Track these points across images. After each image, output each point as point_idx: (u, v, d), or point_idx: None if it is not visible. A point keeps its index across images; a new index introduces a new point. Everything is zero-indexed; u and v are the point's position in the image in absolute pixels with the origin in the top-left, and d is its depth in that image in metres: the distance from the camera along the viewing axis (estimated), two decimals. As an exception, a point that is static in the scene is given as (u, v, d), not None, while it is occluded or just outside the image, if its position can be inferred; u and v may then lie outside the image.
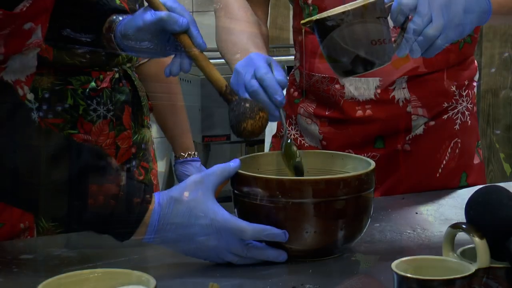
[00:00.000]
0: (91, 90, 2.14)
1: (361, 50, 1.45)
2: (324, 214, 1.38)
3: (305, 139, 1.96)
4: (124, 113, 2.21)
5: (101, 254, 1.49)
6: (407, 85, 1.84)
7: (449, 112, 1.89)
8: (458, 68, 1.88)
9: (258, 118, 1.45)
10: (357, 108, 1.86)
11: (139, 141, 2.28)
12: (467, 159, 1.94)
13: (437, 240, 1.51)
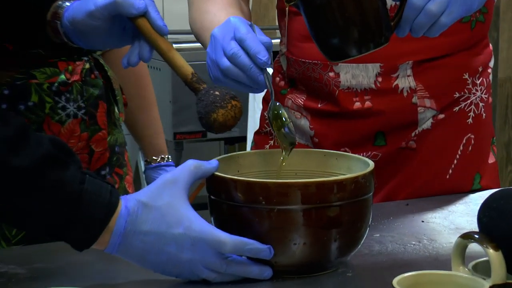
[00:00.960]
0: (60, 84, 2.12)
1: (354, 29, 1.46)
2: (315, 222, 1.38)
3: (296, 135, 1.95)
4: (98, 110, 2.19)
5: (54, 270, 1.50)
6: (413, 72, 1.85)
7: (461, 104, 1.91)
8: (470, 52, 1.90)
9: (230, 107, 1.45)
10: (354, 100, 1.87)
11: (113, 143, 2.26)
12: (481, 158, 1.96)
13: (445, 252, 1.52)
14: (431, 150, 1.90)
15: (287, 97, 1.96)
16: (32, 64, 2.07)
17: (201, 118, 1.47)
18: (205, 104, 1.46)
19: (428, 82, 1.86)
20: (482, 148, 1.95)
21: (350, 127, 1.88)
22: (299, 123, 1.94)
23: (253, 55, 1.51)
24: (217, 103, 1.45)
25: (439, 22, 1.47)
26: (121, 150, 2.28)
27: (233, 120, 1.46)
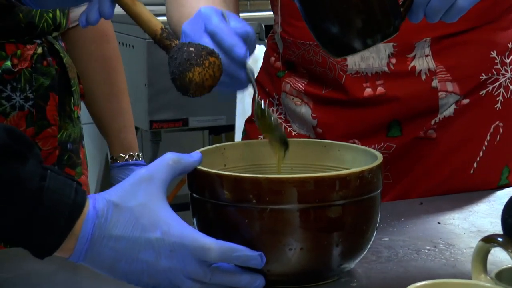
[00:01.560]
0: (4, 72, 2.13)
1: (357, 19, 1.45)
2: (314, 224, 1.39)
3: (292, 125, 1.98)
4: (48, 102, 2.19)
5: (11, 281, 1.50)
6: (431, 51, 1.86)
7: (488, 87, 1.91)
8: (497, 26, 1.91)
9: (207, 65, 1.45)
10: (365, 86, 1.88)
11: (65, 139, 2.26)
12: (511, 149, 1.97)
13: (465, 258, 1.52)
14: (453, 140, 1.91)
15: (285, 81, 1.97)
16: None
17: (175, 79, 1.46)
18: (178, 63, 1.45)
19: (449, 63, 1.87)
20: (510, 138, 1.96)
21: (359, 116, 1.89)
22: (299, 111, 1.95)
23: (228, 49, 1.52)
24: (193, 61, 1.44)
25: (456, 5, 1.45)
26: (75, 147, 2.28)
27: (211, 79, 1.45)
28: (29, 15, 2.10)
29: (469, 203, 1.83)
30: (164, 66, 1.58)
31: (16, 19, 2.08)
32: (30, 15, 2.09)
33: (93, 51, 2.44)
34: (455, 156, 1.91)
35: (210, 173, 1.42)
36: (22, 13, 2.07)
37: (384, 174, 1.70)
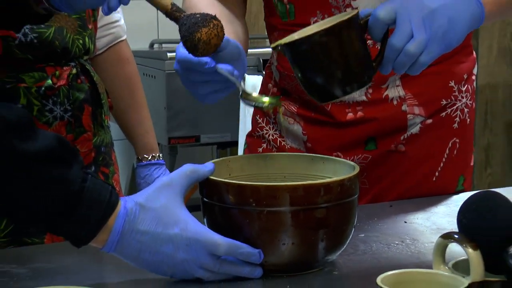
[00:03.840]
0: (46, 88, 2.13)
1: (338, 73, 1.46)
2: (303, 223, 1.38)
3: (286, 140, 1.96)
4: (83, 113, 2.20)
5: (53, 270, 1.49)
6: (401, 82, 1.85)
7: (448, 110, 1.91)
8: (455, 60, 1.89)
9: (212, 26, 1.43)
10: (347, 111, 1.86)
11: (99, 143, 2.26)
12: (465, 160, 1.96)
13: (427, 251, 1.52)
14: (419, 153, 1.89)
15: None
16: (21, 69, 2.08)
17: (186, 41, 1.43)
18: (188, 27, 1.43)
19: (416, 91, 1.85)
20: (466, 151, 1.96)
21: (342, 134, 1.87)
22: (292, 128, 1.94)
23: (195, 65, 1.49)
24: (199, 23, 1.42)
25: (418, 61, 1.45)
26: (107, 150, 2.29)
27: (216, 38, 1.44)
28: (63, 42, 2.11)
29: (430, 205, 1.83)
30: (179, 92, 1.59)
31: (53, 46, 2.09)
32: (65, 42, 2.10)
33: (116, 72, 2.44)
34: (420, 166, 1.90)
35: (218, 181, 1.42)
36: (57, 41, 2.08)
37: (361, 181, 1.71)
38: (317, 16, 1.78)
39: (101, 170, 2.27)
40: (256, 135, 2.02)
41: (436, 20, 1.45)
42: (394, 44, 1.44)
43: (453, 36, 1.48)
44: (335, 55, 1.44)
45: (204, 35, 1.42)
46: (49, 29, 2.09)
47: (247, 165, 1.57)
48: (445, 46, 1.48)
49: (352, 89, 1.48)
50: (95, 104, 2.24)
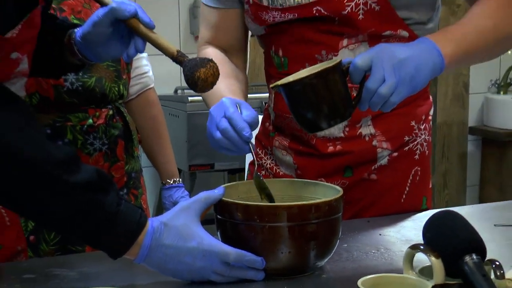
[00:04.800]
0: (88, 126, 2.13)
1: (324, 109, 1.46)
2: (298, 236, 1.37)
3: (280, 168, 1.94)
4: (117, 146, 2.21)
5: (96, 274, 1.49)
6: (372, 122, 1.83)
7: (410, 144, 1.88)
8: (416, 104, 1.87)
9: (209, 67, 1.43)
10: (328, 145, 1.84)
11: (130, 170, 2.27)
12: (425, 185, 1.94)
13: (398, 259, 1.51)
14: (388, 180, 1.87)
15: (275, 139, 1.94)
16: (68, 110, 2.09)
17: (188, 79, 1.44)
18: (189, 68, 1.43)
19: (384, 129, 1.84)
20: (425, 177, 1.93)
21: (325, 163, 1.85)
22: (285, 159, 1.92)
23: (239, 131, 1.53)
24: (199, 65, 1.42)
25: (389, 101, 1.46)
26: (137, 175, 2.30)
27: (212, 77, 1.44)
28: (102, 89, 2.13)
29: (400, 221, 1.81)
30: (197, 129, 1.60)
31: (94, 92, 2.10)
32: (103, 89, 2.12)
33: (145, 113, 2.45)
34: (390, 191, 1.88)
35: (229, 202, 1.41)
36: (98, 88, 2.10)
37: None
38: (306, 67, 1.78)
39: (132, 191, 2.27)
40: (257, 163, 2.00)
41: (405, 68, 1.46)
42: (369, 87, 1.45)
43: (419, 81, 1.49)
44: (322, 94, 1.45)
45: (202, 74, 1.42)
46: (91, 79, 2.11)
47: (252, 188, 1.56)
48: (412, 89, 1.48)
49: (335, 122, 1.49)
50: (127, 139, 2.25)
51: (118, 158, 2.21)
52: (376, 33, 1.73)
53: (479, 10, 1.66)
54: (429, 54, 1.51)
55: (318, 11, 1.73)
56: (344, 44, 1.75)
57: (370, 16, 1.71)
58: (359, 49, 1.74)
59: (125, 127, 2.25)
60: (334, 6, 1.71)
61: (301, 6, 1.75)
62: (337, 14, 1.72)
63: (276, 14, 1.78)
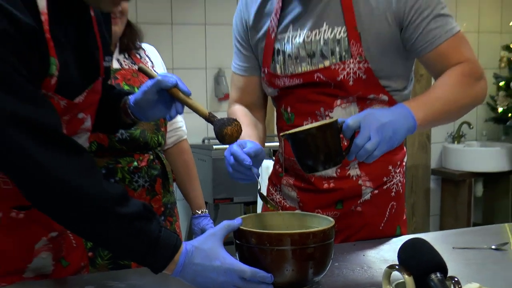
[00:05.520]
0: (134, 167, 2.15)
1: (321, 155, 1.46)
2: (299, 257, 1.35)
3: (286, 201, 1.93)
4: (156, 183, 2.21)
5: (142, 285, 1.47)
6: (358, 166, 1.82)
7: (388, 184, 1.87)
8: (393, 153, 1.86)
9: (234, 125, 1.45)
10: (324, 182, 1.83)
11: (166, 202, 2.27)
12: (400, 216, 1.92)
13: (378, 275, 1.49)
14: (370, 212, 1.85)
15: (283, 178, 1.93)
16: (118, 155, 2.12)
17: (217, 134, 1.46)
18: (218, 126, 1.45)
19: (367, 171, 1.83)
20: (400, 210, 1.91)
21: (321, 198, 1.84)
22: (290, 194, 1.91)
23: (241, 162, 1.53)
24: (226, 124, 1.45)
25: (372, 155, 1.46)
26: (172, 206, 2.32)
27: (237, 132, 1.47)
28: (145, 139, 2.15)
29: (380, 244, 1.79)
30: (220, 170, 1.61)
31: (139, 141, 2.14)
32: (146, 139, 2.16)
33: (178, 158, 2.45)
34: (372, 220, 1.86)
35: (245, 230, 1.40)
36: (141, 138, 2.13)
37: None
38: (308, 121, 1.78)
39: (168, 219, 2.28)
40: (269, 198, 1.99)
41: (386, 130, 1.46)
42: (358, 143, 1.45)
43: (396, 140, 1.49)
44: (320, 144, 1.45)
45: (229, 131, 1.45)
46: (136, 131, 2.13)
47: (264, 219, 1.55)
48: (390, 146, 1.49)
49: (329, 167, 1.48)
50: (164, 177, 2.26)
51: (157, 193, 2.21)
52: (363, 96, 1.74)
53: (443, 84, 1.65)
54: (405, 119, 1.52)
55: (318, 77, 1.74)
56: (338, 103, 1.76)
57: (358, 83, 1.72)
58: (350, 108, 1.75)
59: (163, 168, 2.27)
60: (330, 74, 1.72)
61: (305, 73, 1.76)
62: (333, 80, 1.73)
63: (286, 80, 1.80)
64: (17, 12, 1.24)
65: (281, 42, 1.79)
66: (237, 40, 1.93)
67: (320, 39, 1.72)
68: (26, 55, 1.26)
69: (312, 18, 1.74)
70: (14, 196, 1.40)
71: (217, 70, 4.40)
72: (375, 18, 1.68)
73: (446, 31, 1.67)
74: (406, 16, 1.67)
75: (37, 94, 1.30)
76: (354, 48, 1.69)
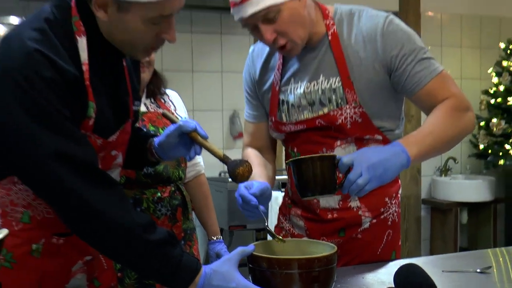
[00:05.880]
0: (157, 198, 2.15)
1: (318, 183, 1.46)
2: (305, 280, 1.34)
3: (295, 229, 1.91)
4: (177, 212, 2.21)
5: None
6: (358, 198, 1.81)
7: (384, 214, 1.85)
8: (388, 186, 1.85)
9: (245, 166, 1.45)
10: (328, 213, 1.82)
11: (186, 228, 2.26)
12: (395, 242, 1.89)
13: (376, 296, 1.47)
14: (369, 239, 1.83)
15: (292, 209, 1.92)
16: (144, 187, 2.12)
17: (230, 174, 1.46)
18: (232, 166, 1.45)
19: (366, 203, 1.81)
20: (395, 237, 1.89)
21: (326, 226, 1.82)
22: (298, 223, 1.89)
23: (247, 202, 1.54)
24: (238, 164, 1.45)
25: (363, 189, 1.46)
26: (191, 232, 2.30)
27: (248, 172, 1.46)
28: (167, 173, 2.15)
29: (377, 268, 1.76)
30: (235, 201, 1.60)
31: (162, 175, 2.13)
32: (168, 173, 2.16)
33: (197, 190, 2.44)
34: (371, 246, 1.84)
35: (257, 255, 1.38)
36: (164, 173, 2.13)
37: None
38: None
39: (187, 243, 2.26)
40: (279, 226, 1.98)
41: (376, 169, 1.45)
42: (350, 179, 1.44)
43: (386, 178, 1.48)
44: (317, 172, 1.45)
45: (240, 171, 1.45)
46: (160, 166, 2.14)
47: (275, 246, 1.53)
48: (381, 182, 1.48)
49: (321, 194, 1.48)
50: (184, 207, 2.26)
51: (177, 220, 2.20)
52: (359, 137, 1.73)
53: (433, 119, 1.64)
54: (398, 157, 1.50)
55: (320, 122, 1.74)
56: (338, 144, 1.75)
57: (355, 126, 1.72)
58: (349, 147, 1.75)
59: (183, 199, 2.26)
60: (330, 119, 1.72)
61: (307, 120, 1.76)
62: (332, 124, 1.73)
63: (291, 126, 1.80)
64: (63, 63, 1.28)
65: (284, 93, 1.80)
66: (246, 91, 1.94)
67: (318, 89, 1.73)
68: (69, 99, 1.29)
69: (309, 72, 1.75)
70: (55, 224, 1.41)
71: (232, 111, 4.42)
72: (364, 68, 1.68)
73: (430, 72, 1.67)
74: (393, 64, 1.67)
75: (78, 133, 1.31)
76: (349, 95, 1.70)
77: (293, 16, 1.62)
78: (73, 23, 1.34)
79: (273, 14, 1.59)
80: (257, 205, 1.54)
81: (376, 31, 1.67)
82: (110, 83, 1.44)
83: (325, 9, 1.75)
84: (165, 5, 1.30)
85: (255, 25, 1.63)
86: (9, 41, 1.29)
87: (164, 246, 1.31)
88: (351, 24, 1.71)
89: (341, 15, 1.73)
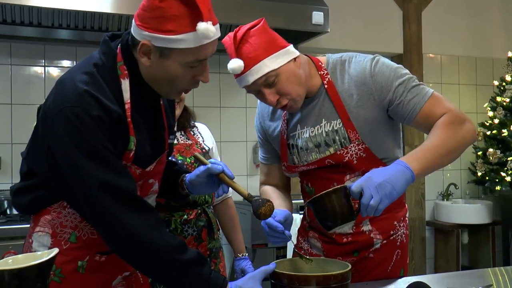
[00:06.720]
0: (185, 220, 2.13)
1: (338, 215, 1.43)
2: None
3: (313, 249, 1.88)
4: (203, 232, 2.18)
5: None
6: (370, 223, 1.78)
7: (394, 235, 1.81)
8: (396, 211, 1.82)
9: (267, 205, 1.43)
10: (343, 237, 1.79)
11: (211, 247, 2.23)
12: (404, 261, 1.85)
13: (388, 310, 1.42)
14: (379, 258, 1.79)
15: (309, 232, 1.89)
16: (172, 210, 2.11)
17: (254, 212, 1.44)
18: (256, 205, 1.43)
19: (377, 227, 1.78)
20: (404, 257, 1.84)
21: (341, 248, 1.79)
22: (316, 245, 1.86)
23: (274, 229, 1.52)
24: (261, 204, 1.43)
25: (377, 210, 1.42)
26: (217, 250, 2.26)
27: (270, 212, 1.44)
28: (194, 198, 2.15)
29: (388, 284, 1.71)
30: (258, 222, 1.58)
31: (189, 200, 2.12)
32: (195, 198, 2.14)
33: (225, 213, 2.42)
34: (382, 265, 1.80)
35: (279, 272, 1.36)
36: (191, 197, 2.11)
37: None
38: None
39: (213, 261, 2.22)
40: (299, 246, 1.94)
41: (384, 188, 1.42)
42: (363, 203, 1.41)
43: (395, 194, 1.44)
44: (335, 205, 1.42)
45: (263, 210, 1.43)
46: None
47: (295, 263, 1.51)
48: (391, 200, 1.43)
49: (343, 223, 1.45)
50: (209, 227, 2.23)
51: (203, 240, 2.18)
52: (366, 170, 1.70)
53: (432, 136, 1.60)
54: (402, 173, 1.46)
55: (329, 161, 1.74)
56: (347, 178, 1.74)
57: (361, 161, 1.70)
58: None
59: (208, 220, 2.23)
60: (338, 158, 1.72)
61: (317, 161, 1.76)
62: (340, 162, 1.72)
63: (303, 167, 1.79)
64: (109, 102, 1.30)
65: (293, 138, 1.80)
66: (259, 137, 1.94)
67: (322, 132, 1.72)
68: (113, 134, 1.30)
69: (312, 117, 1.74)
70: (98, 244, 1.40)
71: (255, 142, 4.41)
72: (360, 109, 1.68)
73: (422, 96, 1.65)
74: (387, 100, 1.66)
75: (120, 164, 1.32)
76: (352, 134, 1.69)
77: (291, 77, 1.62)
78: (118, 67, 1.36)
79: (273, 78, 1.60)
80: (283, 230, 1.52)
81: (365, 74, 1.67)
82: (149, 119, 1.45)
83: (318, 61, 1.75)
84: (201, 51, 1.32)
85: (259, 90, 1.64)
86: (63, 83, 1.32)
87: (194, 265, 1.30)
88: (343, 70, 1.71)
89: (333, 63, 1.73)
